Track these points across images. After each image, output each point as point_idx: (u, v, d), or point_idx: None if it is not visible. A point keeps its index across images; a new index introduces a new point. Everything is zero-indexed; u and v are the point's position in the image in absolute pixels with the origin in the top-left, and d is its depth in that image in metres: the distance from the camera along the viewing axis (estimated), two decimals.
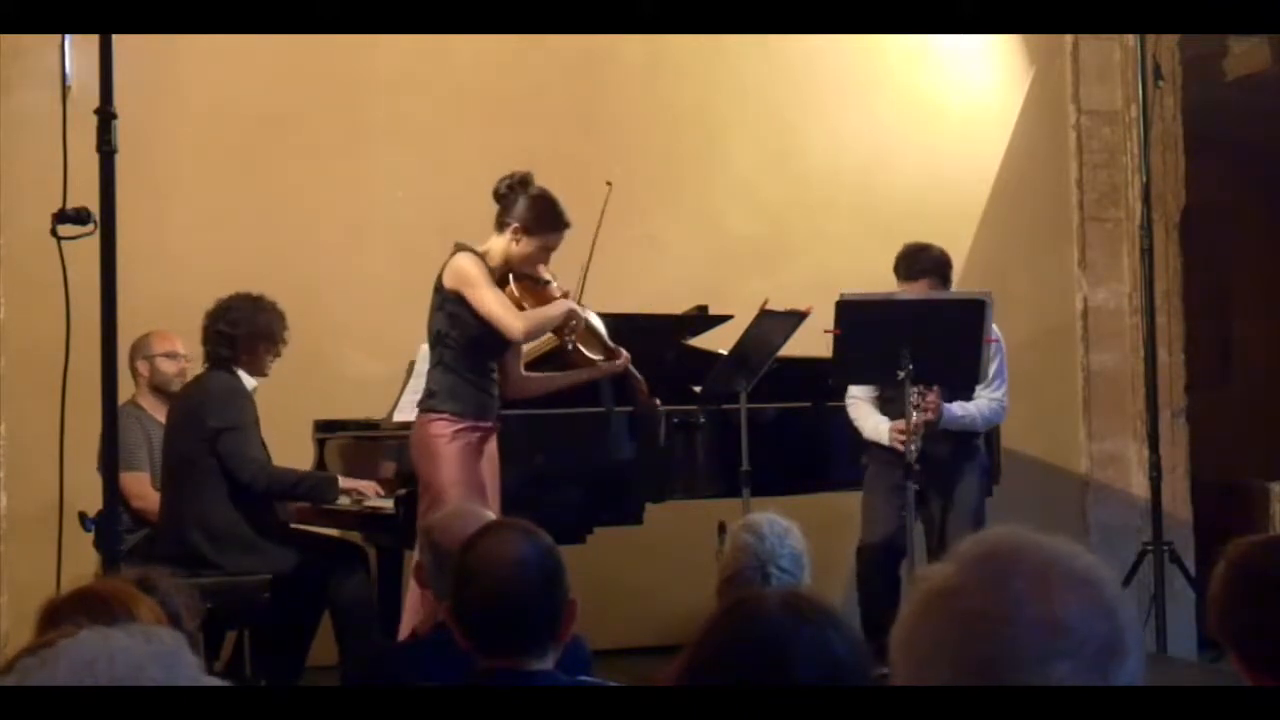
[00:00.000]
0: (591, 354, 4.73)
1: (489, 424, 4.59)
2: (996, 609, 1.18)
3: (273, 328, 5.07)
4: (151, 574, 2.49)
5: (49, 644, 1.22)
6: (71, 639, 1.22)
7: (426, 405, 4.57)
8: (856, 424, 5.37)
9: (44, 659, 1.20)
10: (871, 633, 5.03)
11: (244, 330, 5.01)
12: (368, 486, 5.01)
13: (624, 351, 4.75)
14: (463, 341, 4.53)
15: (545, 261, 4.63)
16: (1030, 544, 1.22)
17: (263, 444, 5.04)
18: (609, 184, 4.60)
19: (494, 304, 4.47)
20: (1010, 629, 1.17)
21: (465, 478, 4.46)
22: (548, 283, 4.67)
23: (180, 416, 5.06)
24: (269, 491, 5.01)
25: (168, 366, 5.44)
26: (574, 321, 4.60)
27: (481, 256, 4.55)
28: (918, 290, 5.22)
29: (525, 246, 4.58)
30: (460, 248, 4.56)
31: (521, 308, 4.57)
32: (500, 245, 4.60)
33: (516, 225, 4.57)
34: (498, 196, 4.62)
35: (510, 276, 4.62)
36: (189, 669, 1.23)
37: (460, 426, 4.50)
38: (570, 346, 4.68)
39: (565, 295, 4.65)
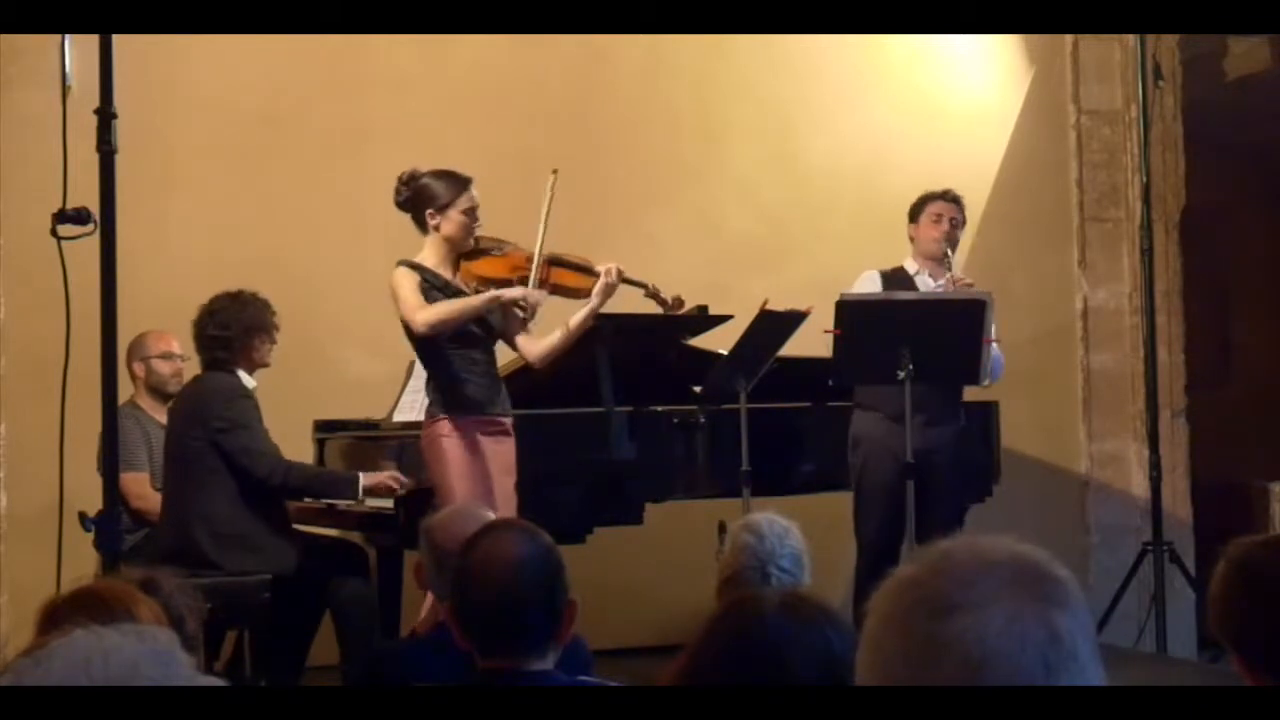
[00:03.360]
0: (580, 286, 4.70)
1: (491, 418, 4.58)
2: (932, 568, 1.22)
3: (263, 319, 5.06)
4: (156, 575, 2.49)
5: (43, 645, 1.22)
6: (65, 639, 1.21)
7: (429, 413, 4.59)
8: None
9: (38, 659, 1.20)
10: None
11: (236, 329, 5.00)
12: (389, 477, 4.96)
13: (604, 268, 4.66)
14: (435, 344, 4.55)
15: (475, 222, 4.63)
16: (972, 538, 1.27)
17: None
18: (554, 171, 4.61)
19: (405, 297, 4.50)
20: (943, 570, 1.21)
21: (468, 476, 4.47)
22: (503, 245, 4.69)
23: (182, 416, 5.06)
24: (285, 485, 4.99)
25: (163, 367, 5.44)
26: (523, 303, 4.52)
27: (416, 266, 4.57)
28: (952, 210, 5.26)
29: (449, 223, 4.60)
30: (398, 264, 4.60)
31: (489, 282, 4.61)
32: (432, 241, 4.63)
33: (430, 211, 4.61)
34: (401, 205, 4.66)
35: (460, 261, 4.64)
36: (184, 668, 1.23)
37: (460, 424, 4.50)
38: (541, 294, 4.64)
39: (529, 259, 4.62)
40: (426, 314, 4.47)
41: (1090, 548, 7.00)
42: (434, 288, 4.56)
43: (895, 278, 5.28)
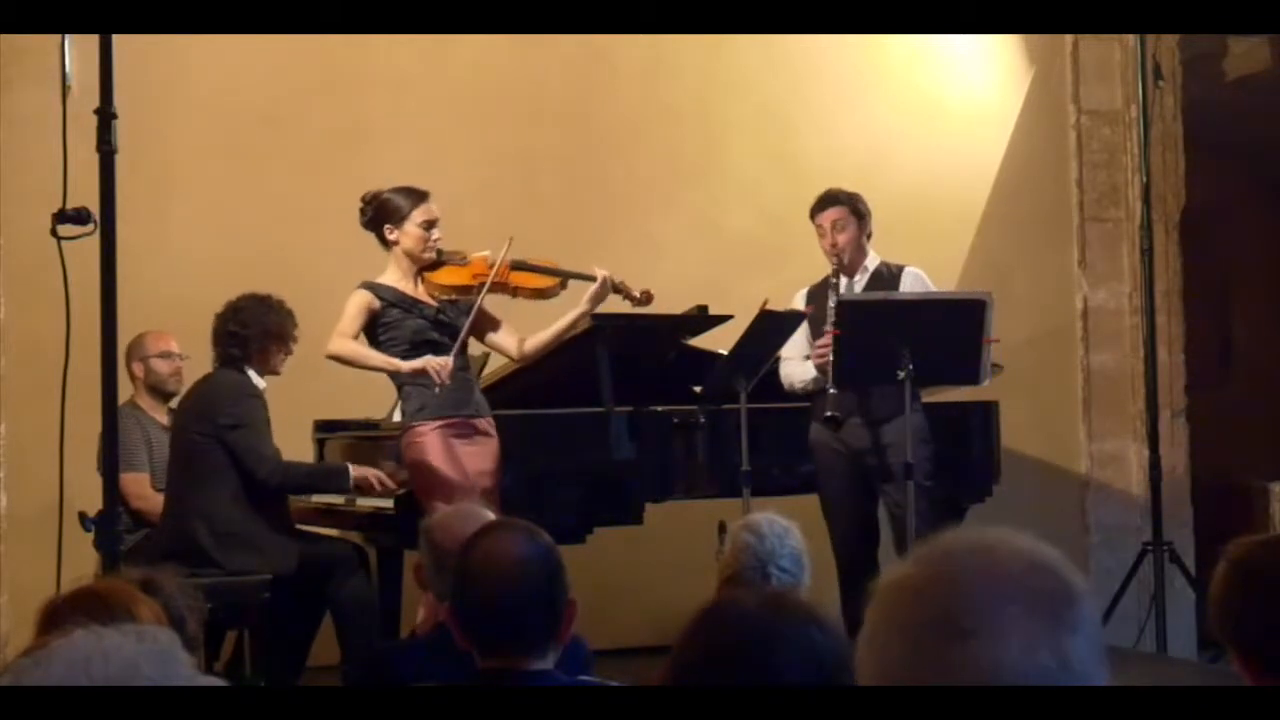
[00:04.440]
0: (543, 286, 4.78)
1: (464, 420, 4.65)
2: (942, 577, 1.20)
3: (284, 327, 5.10)
4: (157, 576, 2.49)
5: (43, 645, 1.22)
6: (65, 639, 1.22)
7: (404, 423, 4.71)
8: (789, 382, 5.22)
9: (38, 660, 1.20)
10: (854, 625, 5.02)
11: (255, 330, 5.03)
12: (375, 476, 4.99)
13: (599, 271, 4.77)
14: (399, 355, 4.68)
15: (432, 234, 4.73)
16: (973, 533, 1.25)
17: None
18: (510, 239, 4.71)
19: (342, 318, 4.67)
20: (956, 586, 1.19)
21: (447, 475, 4.55)
22: (465, 256, 4.78)
23: (189, 412, 5.07)
24: (283, 487, 5.01)
25: (162, 367, 5.44)
26: (427, 372, 4.56)
27: (375, 286, 4.70)
28: (829, 218, 5.19)
29: (407, 236, 4.72)
30: (358, 285, 4.73)
31: (451, 290, 4.73)
32: (393, 256, 4.76)
33: (388, 226, 4.73)
34: (366, 226, 4.79)
35: (422, 275, 4.74)
36: (183, 668, 1.23)
37: (431, 427, 4.60)
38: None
39: (490, 266, 4.71)
40: (336, 345, 4.66)
41: (1090, 548, 7.00)
42: (391, 305, 4.70)
43: (819, 290, 5.26)
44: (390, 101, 6.37)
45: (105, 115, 3.44)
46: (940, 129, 7.03)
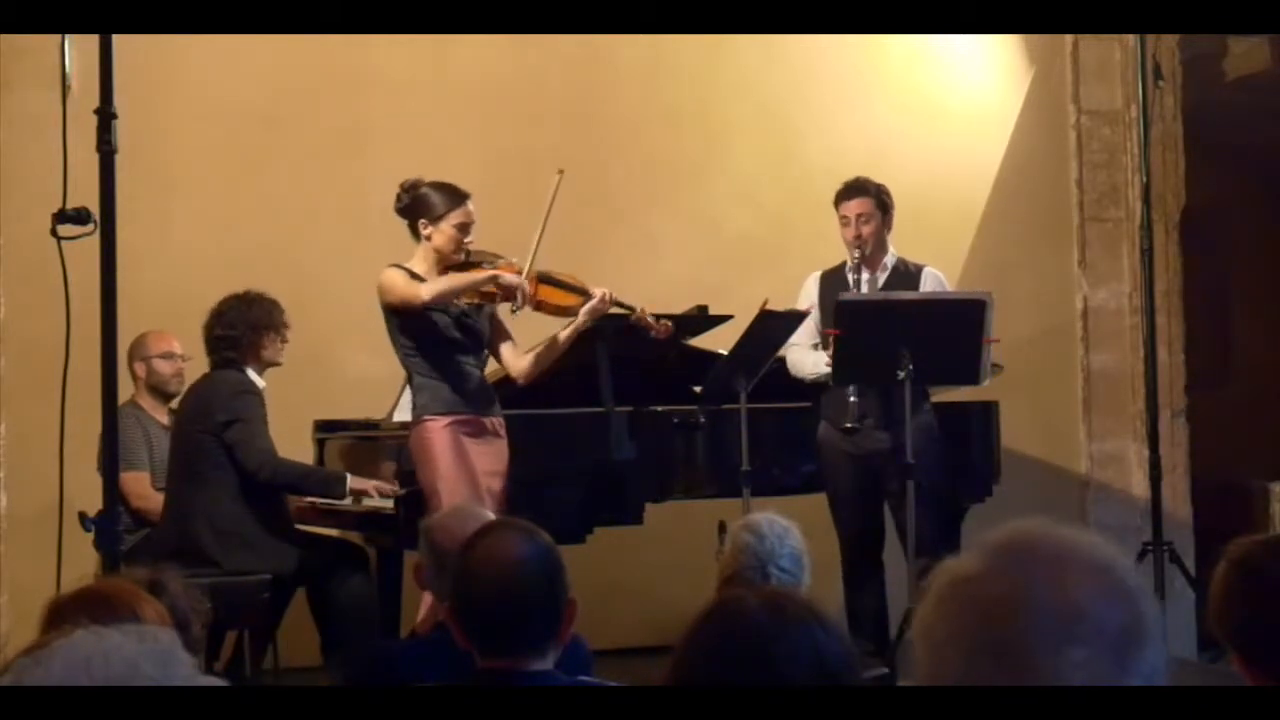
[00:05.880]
0: (567, 304, 4.74)
1: (477, 419, 4.63)
2: (1012, 595, 1.17)
3: (271, 317, 5.09)
4: (162, 576, 2.48)
5: (44, 644, 1.23)
6: (66, 639, 1.22)
7: (415, 417, 4.67)
8: (796, 370, 5.24)
9: (39, 659, 1.20)
10: (857, 624, 5.03)
11: (242, 328, 5.03)
12: (375, 486, 5.00)
13: (597, 290, 4.73)
14: (419, 348, 4.64)
15: (466, 237, 4.68)
16: (1050, 534, 1.21)
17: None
18: (560, 171, 4.70)
19: (397, 284, 4.57)
20: (1025, 614, 1.16)
21: (453, 478, 4.53)
22: (494, 260, 4.73)
23: (188, 412, 5.08)
24: (273, 482, 5.00)
25: (164, 367, 5.45)
26: (517, 289, 4.56)
27: (404, 269, 4.63)
28: (855, 208, 5.19)
29: (440, 235, 4.66)
30: (388, 266, 4.66)
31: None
32: (422, 250, 4.69)
33: (423, 221, 4.66)
34: (400, 212, 4.72)
35: (450, 272, 4.69)
36: (184, 668, 1.23)
37: (445, 423, 4.58)
38: (521, 308, 4.66)
39: (519, 272, 4.65)
40: (430, 287, 4.54)
41: None
42: None
43: (834, 277, 5.27)
44: (390, 102, 6.37)
45: (105, 115, 3.43)
46: (940, 129, 7.03)
